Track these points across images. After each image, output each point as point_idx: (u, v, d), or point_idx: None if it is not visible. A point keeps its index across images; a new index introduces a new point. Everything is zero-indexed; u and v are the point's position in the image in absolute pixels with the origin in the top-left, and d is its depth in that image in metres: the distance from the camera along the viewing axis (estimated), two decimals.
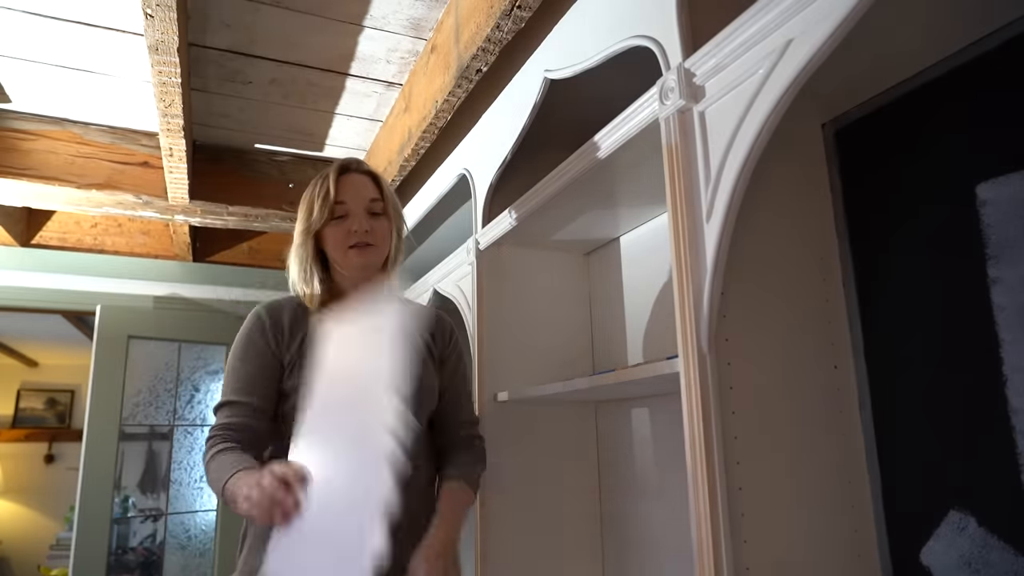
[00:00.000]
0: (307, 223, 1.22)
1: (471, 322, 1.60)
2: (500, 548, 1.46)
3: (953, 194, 0.90)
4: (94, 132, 2.36)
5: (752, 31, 0.83)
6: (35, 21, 1.73)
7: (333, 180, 1.21)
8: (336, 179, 1.22)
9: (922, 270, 0.94)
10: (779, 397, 0.95)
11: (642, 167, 1.20)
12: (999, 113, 0.86)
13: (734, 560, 0.84)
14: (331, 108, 2.19)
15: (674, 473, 1.39)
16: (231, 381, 1.18)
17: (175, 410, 3.13)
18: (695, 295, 0.89)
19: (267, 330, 1.20)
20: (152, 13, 1.35)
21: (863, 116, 1.04)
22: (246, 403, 1.15)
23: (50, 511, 5.42)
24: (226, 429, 1.13)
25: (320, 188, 1.22)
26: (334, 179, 1.21)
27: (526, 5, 1.27)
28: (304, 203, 1.24)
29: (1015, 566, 0.80)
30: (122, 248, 3.11)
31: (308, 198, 1.24)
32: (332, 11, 1.69)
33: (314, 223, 1.21)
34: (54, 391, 5.78)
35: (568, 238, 1.61)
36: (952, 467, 0.89)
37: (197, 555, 3.08)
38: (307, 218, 1.23)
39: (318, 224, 1.21)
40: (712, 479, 0.85)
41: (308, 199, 1.24)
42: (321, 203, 1.21)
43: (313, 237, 1.23)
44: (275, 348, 1.19)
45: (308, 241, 1.23)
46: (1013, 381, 0.82)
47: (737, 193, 0.85)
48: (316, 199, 1.22)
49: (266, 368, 1.18)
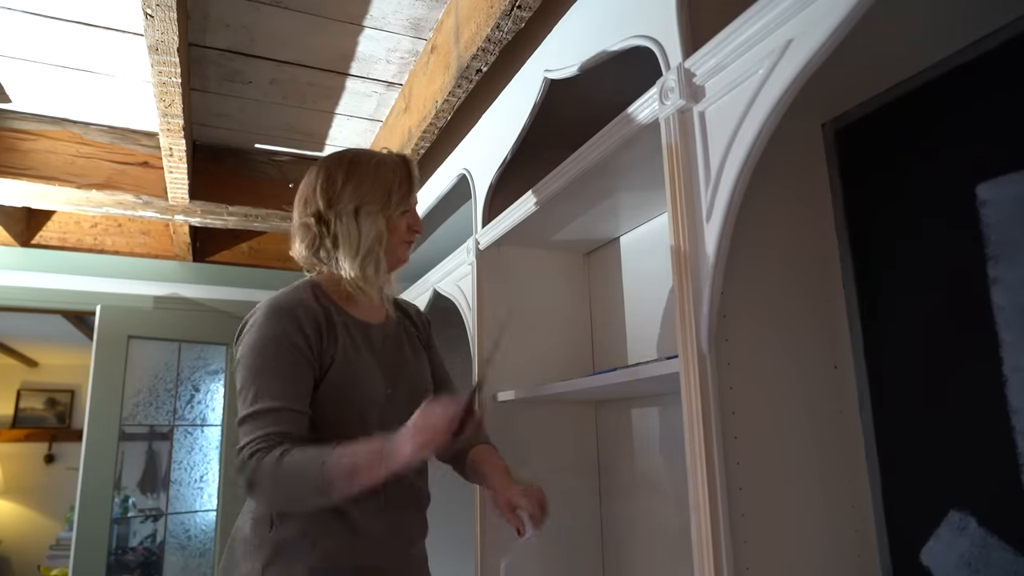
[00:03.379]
0: (385, 205, 1.15)
1: (471, 322, 1.60)
2: (500, 548, 1.46)
3: (953, 194, 0.90)
4: (94, 132, 2.36)
5: (752, 31, 0.83)
6: (35, 21, 1.73)
7: (414, 171, 1.20)
8: (413, 171, 1.20)
9: (922, 270, 0.94)
10: (779, 397, 0.95)
11: (642, 167, 1.20)
12: (999, 113, 0.86)
13: (734, 560, 0.84)
14: (331, 108, 2.19)
15: (674, 473, 1.39)
16: (270, 384, 1.03)
17: (175, 410, 3.13)
18: (695, 295, 0.89)
19: (304, 328, 1.08)
20: (152, 13, 1.35)
21: (863, 116, 1.04)
22: (294, 410, 1.04)
23: (50, 511, 5.41)
24: (277, 436, 1.00)
25: (401, 175, 1.17)
26: (414, 171, 1.20)
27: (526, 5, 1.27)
28: (376, 184, 1.15)
29: (1015, 566, 0.80)
30: (122, 248, 3.11)
31: (383, 181, 1.16)
32: (332, 11, 1.69)
33: (395, 208, 1.15)
34: (54, 391, 5.78)
35: (568, 238, 1.61)
36: (952, 467, 0.89)
37: (197, 555, 3.08)
38: (384, 200, 1.15)
39: (397, 210, 1.16)
40: (712, 479, 0.85)
41: (384, 182, 1.16)
42: (404, 191, 1.17)
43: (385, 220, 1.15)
44: (312, 349, 1.08)
45: (380, 222, 1.14)
46: (1013, 381, 0.82)
47: (737, 193, 0.85)
48: (396, 185, 1.16)
49: (305, 372, 1.07)
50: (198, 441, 3.17)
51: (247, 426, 1.02)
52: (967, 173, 0.89)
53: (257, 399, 1.03)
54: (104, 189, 2.32)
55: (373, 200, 1.14)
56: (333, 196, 1.14)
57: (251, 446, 1.00)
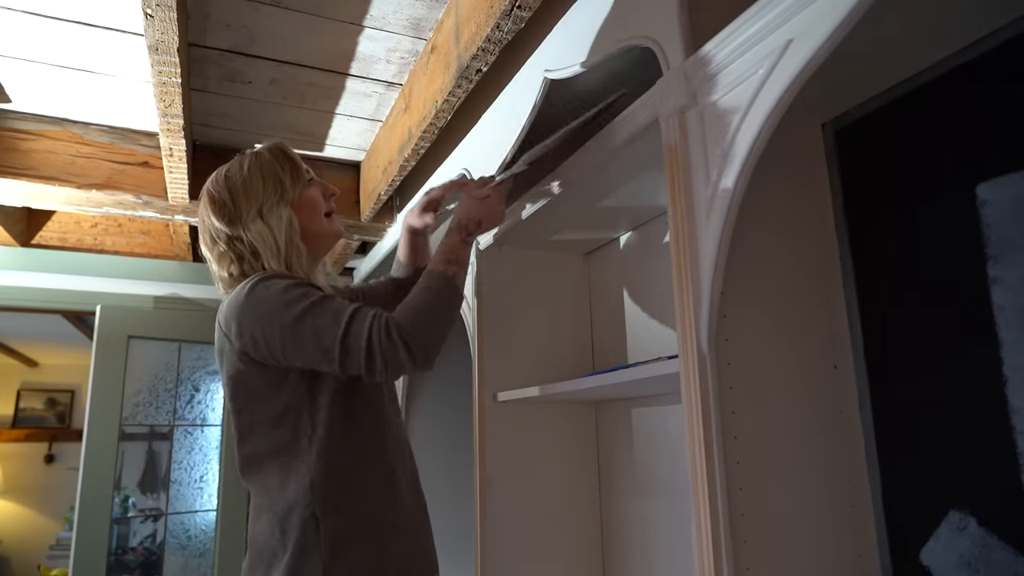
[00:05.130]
0: (282, 192, 1.13)
1: (471, 322, 1.60)
2: (500, 548, 1.46)
3: (953, 194, 0.90)
4: (94, 132, 2.36)
5: (752, 31, 0.83)
6: (35, 21, 1.73)
7: (288, 150, 1.19)
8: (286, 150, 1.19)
9: (922, 270, 0.94)
10: (779, 397, 0.95)
11: (642, 167, 1.20)
12: (999, 113, 0.86)
13: (734, 560, 0.84)
14: (331, 108, 2.19)
15: (674, 473, 1.39)
16: (326, 304, 1.01)
17: (175, 410, 3.13)
18: (695, 295, 0.89)
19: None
20: (152, 13, 1.35)
21: (863, 116, 1.04)
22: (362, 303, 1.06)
23: (50, 511, 5.41)
24: (376, 313, 1.01)
25: (278, 159, 1.16)
26: (287, 149, 1.19)
27: (526, 5, 1.27)
28: (261, 179, 1.13)
29: (1015, 566, 0.80)
30: (122, 248, 3.11)
31: (265, 172, 1.14)
32: (332, 11, 1.69)
33: (291, 189, 1.14)
34: (54, 391, 5.78)
35: (568, 238, 1.61)
36: (952, 467, 0.89)
37: (197, 555, 3.08)
38: (278, 187, 1.13)
39: (295, 191, 1.14)
40: (712, 479, 0.85)
41: (266, 172, 1.14)
42: (291, 168, 1.15)
43: (290, 207, 1.14)
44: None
45: (286, 212, 1.13)
46: (1013, 381, 0.82)
47: (737, 193, 0.85)
48: (279, 168, 1.15)
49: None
50: (198, 441, 3.17)
51: (353, 333, 0.98)
52: (967, 173, 0.89)
53: (336, 318, 0.99)
54: (104, 189, 2.32)
55: (269, 193, 1.13)
56: (231, 214, 1.13)
57: (376, 333, 0.98)
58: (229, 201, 1.13)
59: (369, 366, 0.99)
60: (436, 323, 1.04)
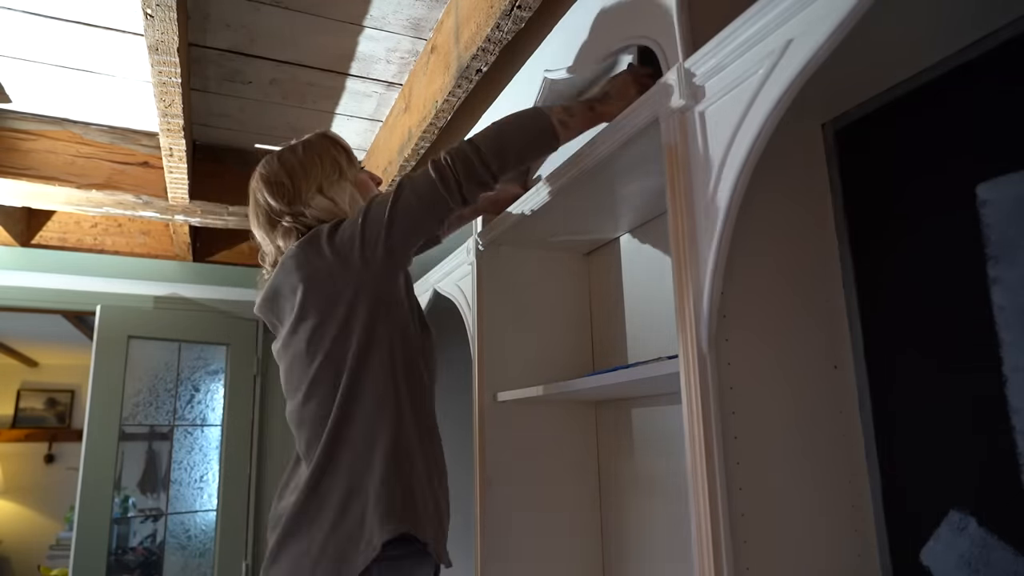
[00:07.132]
0: (341, 170, 1.19)
1: (471, 322, 1.60)
2: (500, 548, 1.46)
3: (953, 194, 0.90)
4: (94, 132, 2.36)
5: (752, 31, 0.83)
6: (35, 21, 1.73)
7: (338, 137, 1.25)
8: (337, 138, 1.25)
9: (922, 270, 0.94)
10: (779, 397, 0.95)
11: (642, 167, 1.20)
12: (999, 113, 0.86)
13: (734, 560, 0.84)
14: (331, 108, 2.19)
15: (674, 473, 1.39)
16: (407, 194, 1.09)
17: (175, 410, 3.13)
18: (695, 295, 0.89)
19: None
20: (152, 13, 1.35)
21: (863, 116, 1.04)
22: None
23: (50, 511, 5.42)
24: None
25: (333, 143, 1.23)
26: (338, 137, 1.25)
27: (526, 5, 1.27)
28: (320, 160, 1.19)
29: (1015, 566, 0.80)
30: (122, 248, 3.11)
31: (323, 155, 1.20)
32: (332, 11, 1.69)
33: (348, 167, 1.20)
34: (54, 391, 5.78)
35: (568, 238, 1.61)
36: (952, 467, 0.89)
37: (197, 555, 3.08)
38: (336, 167, 1.19)
39: (352, 171, 1.21)
40: (712, 479, 0.85)
41: (324, 155, 1.20)
42: (346, 152, 1.22)
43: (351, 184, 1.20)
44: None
45: (348, 187, 1.20)
46: (1013, 381, 0.82)
47: (737, 193, 0.85)
48: (336, 151, 1.21)
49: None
50: (198, 441, 3.17)
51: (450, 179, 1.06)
52: (967, 173, 0.89)
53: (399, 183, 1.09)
54: (104, 189, 2.32)
55: (328, 172, 1.18)
56: (290, 194, 1.17)
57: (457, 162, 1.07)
58: (288, 181, 1.17)
59: (445, 184, 1.07)
60: (507, 138, 1.10)
